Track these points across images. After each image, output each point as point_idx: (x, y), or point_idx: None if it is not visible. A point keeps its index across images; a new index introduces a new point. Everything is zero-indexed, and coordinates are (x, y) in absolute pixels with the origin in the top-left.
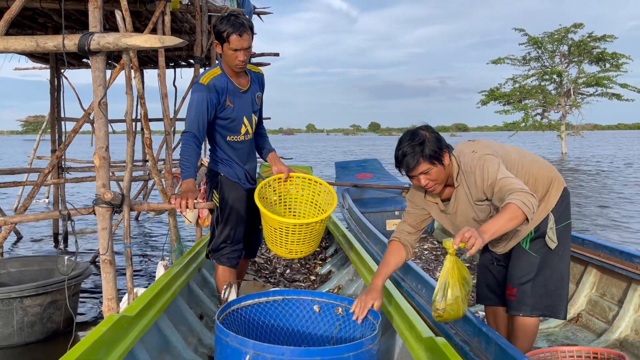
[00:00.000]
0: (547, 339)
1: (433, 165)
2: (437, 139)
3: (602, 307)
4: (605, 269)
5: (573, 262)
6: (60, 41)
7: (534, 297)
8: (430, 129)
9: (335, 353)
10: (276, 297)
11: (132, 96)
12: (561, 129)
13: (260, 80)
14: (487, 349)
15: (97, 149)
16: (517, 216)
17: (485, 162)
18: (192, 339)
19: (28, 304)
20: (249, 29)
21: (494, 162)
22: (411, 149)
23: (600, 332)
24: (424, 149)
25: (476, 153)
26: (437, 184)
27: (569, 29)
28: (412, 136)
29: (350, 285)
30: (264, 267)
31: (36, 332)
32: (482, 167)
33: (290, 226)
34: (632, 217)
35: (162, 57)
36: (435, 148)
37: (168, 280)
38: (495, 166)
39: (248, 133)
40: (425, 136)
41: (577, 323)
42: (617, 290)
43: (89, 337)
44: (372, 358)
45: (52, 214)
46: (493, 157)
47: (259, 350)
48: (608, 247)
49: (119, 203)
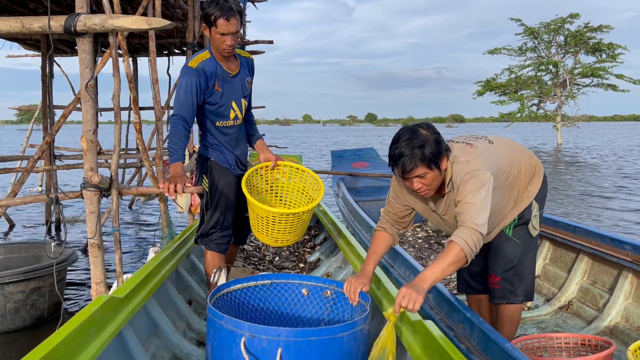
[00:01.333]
0: (537, 326)
1: (430, 170)
2: (437, 142)
3: (593, 294)
4: (596, 256)
5: (565, 250)
6: (46, 22)
7: (518, 284)
8: (432, 129)
9: (330, 333)
10: (265, 281)
11: (119, 79)
12: (557, 120)
13: (250, 65)
14: (471, 335)
15: (85, 132)
16: (458, 260)
17: (470, 179)
18: (181, 323)
19: (10, 290)
20: (237, 13)
21: (476, 182)
22: (409, 150)
23: (591, 319)
24: (424, 152)
25: (469, 165)
26: (430, 189)
27: (565, 19)
28: (412, 135)
29: (339, 272)
30: (253, 254)
31: (20, 319)
32: (465, 183)
33: (277, 215)
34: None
35: (153, 42)
36: (435, 152)
37: (157, 264)
38: (474, 187)
39: (237, 118)
40: (427, 137)
41: (568, 310)
42: (608, 278)
43: (78, 317)
44: (364, 338)
45: (40, 197)
46: (480, 176)
47: (254, 332)
48: (600, 235)
49: (107, 187)
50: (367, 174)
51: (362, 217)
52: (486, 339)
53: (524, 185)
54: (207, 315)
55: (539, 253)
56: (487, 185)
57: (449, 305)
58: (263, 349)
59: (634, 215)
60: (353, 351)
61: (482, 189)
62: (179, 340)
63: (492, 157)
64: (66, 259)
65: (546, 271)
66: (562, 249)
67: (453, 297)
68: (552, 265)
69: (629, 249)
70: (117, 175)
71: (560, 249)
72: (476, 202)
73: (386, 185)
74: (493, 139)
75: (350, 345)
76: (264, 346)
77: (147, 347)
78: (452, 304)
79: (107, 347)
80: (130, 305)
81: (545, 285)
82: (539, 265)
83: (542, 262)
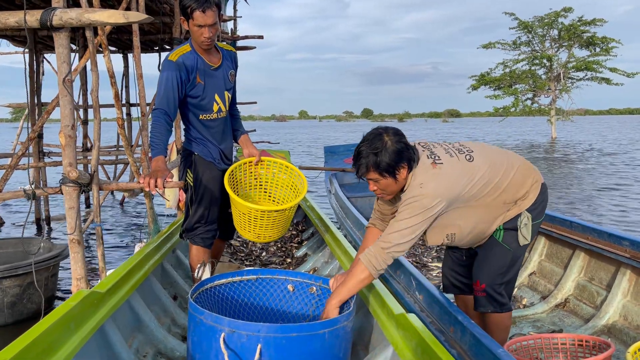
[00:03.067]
0: (533, 325)
1: (382, 177)
2: (396, 152)
3: (590, 291)
4: (593, 252)
5: (561, 246)
6: (22, 17)
7: (504, 292)
8: (397, 137)
9: (311, 329)
10: (250, 277)
11: (97, 74)
12: (551, 114)
13: (233, 58)
14: (463, 339)
15: (63, 127)
16: (365, 278)
17: (412, 203)
18: (166, 319)
19: (7, 284)
20: (214, 4)
21: (414, 209)
22: (365, 154)
23: (588, 317)
24: (377, 159)
25: (420, 188)
26: (385, 193)
27: (559, 13)
28: (373, 140)
29: (326, 267)
30: (239, 249)
31: (16, 313)
32: (406, 204)
33: (259, 212)
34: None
35: (137, 37)
36: (391, 162)
37: (141, 258)
38: (409, 213)
39: (221, 111)
40: (386, 145)
41: (565, 308)
42: (606, 275)
43: (57, 312)
44: (347, 335)
45: (16, 193)
46: (422, 203)
47: (234, 328)
48: (597, 230)
49: (87, 182)
50: None
51: (353, 214)
52: (478, 344)
53: (509, 201)
54: (188, 310)
55: (535, 249)
56: (423, 214)
57: (439, 308)
58: (243, 345)
59: (623, 212)
60: (334, 348)
61: (416, 217)
62: (163, 336)
63: (457, 180)
64: (59, 254)
65: (542, 267)
66: (558, 244)
67: (444, 298)
68: (547, 262)
69: (627, 244)
70: (97, 170)
71: (557, 245)
72: (402, 226)
73: None
74: (477, 156)
75: (331, 342)
76: (243, 342)
77: (130, 342)
78: (443, 306)
79: (87, 342)
80: (112, 300)
81: (541, 282)
82: (534, 262)
83: (538, 258)
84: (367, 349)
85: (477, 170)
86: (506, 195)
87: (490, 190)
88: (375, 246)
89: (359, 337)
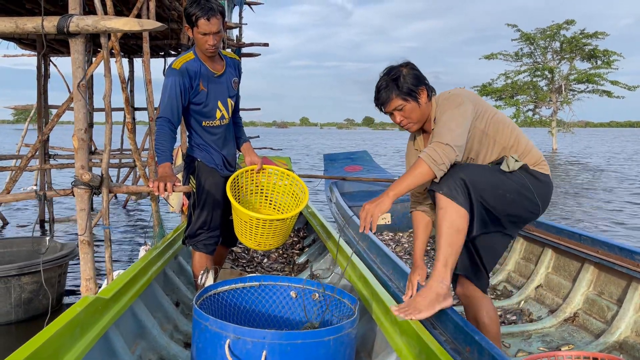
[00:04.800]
0: (542, 340)
1: (406, 102)
2: (414, 76)
3: (600, 306)
4: (603, 265)
5: (569, 259)
6: (40, 23)
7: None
8: (410, 66)
9: (316, 336)
10: (253, 283)
11: (110, 79)
12: (552, 125)
13: (237, 66)
14: None
15: (76, 131)
16: (423, 172)
17: (447, 100)
18: (168, 325)
19: (25, 281)
20: (218, 13)
21: (452, 102)
22: (385, 84)
23: (599, 332)
24: (398, 84)
25: (449, 93)
26: (411, 122)
27: (561, 25)
28: (389, 71)
29: (328, 274)
30: (241, 256)
31: (32, 309)
32: (442, 105)
33: (260, 220)
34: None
35: (147, 43)
36: (410, 85)
37: (144, 265)
38: (451, 106)
39: (224, 118)
40: (402, 72)
41: (574, 323)
42: (616, 289)
43: (63, 318)
44: (351, 341)
45: (28, 194)
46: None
47: (239, 334)
48: (607, 243)
49: (98, 185)
50: (361, 178)
51: (356, 224)
52: None
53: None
54: (192, 317)
55: (541, 261)
56: (463, 106)
57: (454, 326)
58: (248, 352)
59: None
60: (339, 355)
61: (457, 108)
62: (166, 342)
63: (475, 96)
64: (70, 252)
65: (549, 280)
66: (566, 257)
67: (459, 317)
68: (555, 274)
69: (639, 259)
70: (108, 173)
71: (564, 258)
72: (446, 122)
73: (381, 189)
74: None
75: (336, 349)
76: (248, 348)
77: (133, 349)
78: (457, 324)
79: (92, 348)
80: (116, 306)
81: (549, 296)
82: (541, 274)
83: (545, 270)
84: (370, 356)
85: (493, 109)
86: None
87: (500, 128)
88: (430, 146)
89: (362, 344)
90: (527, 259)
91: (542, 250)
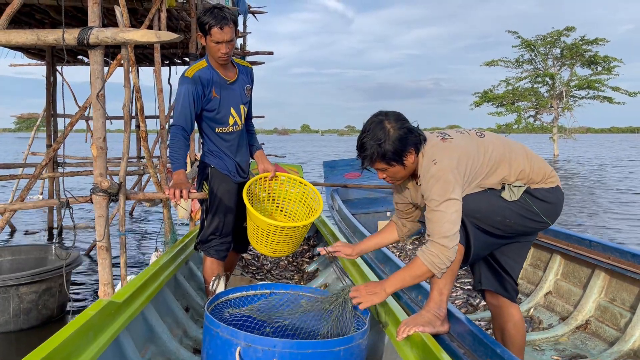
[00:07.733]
0: (554, 349)
1: (390, 166)
2: (400, 139)
3: (613, 313)
4: (614, 272)
5: (579, 265)
6: (61, 35)
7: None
8: (399, 123)
9: (326, 346)
10: (264, 291)
11: (129, 89)
12: (553, 131)
13: (250, 73)
14: None
15: (95, 140)
16: (424, 275)
17: (436, 183)
18: (178, 330)
19: (24, 291)
20: (231, 21)
21: (443, 186)
22: (369, 144)
23: (612, 340)
24: (381, 149)
25: (436, 165)
26: (394, 179)
27: (561, 32)
28: (375, 130)
29: (337, 283)
30: (251, 263)
31: (31, 319)
32: (431, 185)
33: (278, 228)
34: None
35: (158, 53)
36: (396, 150)
37: (156, 270)
38: (440, 190)
39: (237, 124)
40: (389, 133)
41: (586, 330)
42: (629, 296)
43: (77, 321)
44: (361, 352)
45: (51, 201)
46: (447, 178)
47: (250, 342)
48: (619, 250)
49: (116, 192)
50: (361, 185)
51: (361, 231)
52: None
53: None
54: (203, 323)
55: (550, 267)
56: (455, 189)
57: (473, 338)
58: (258, 359)
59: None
60: None
61: (451, 193)
62: (176, 347)
63: (468, 149)
64: (74, 261)
65: (558, 287)
66: (575, 263)
67: (477, 329)
68: (564, 281)
69: None
70: (125, 180)
71: (574, 264)
72: (447, 210)
73: (382, 196)
74: (488, 134)
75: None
76: (259, 356)
77: (143, 353)
78: (476, 336)
79: (104, 352)
80: (128, 310)
81: (559, 303)
82: (550, 281)
83: (554, 277)
84: None
85: (488, 143)
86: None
87: (499, 169)
88: (433, 245)
89: (372, 355)
90: (535, 265)
91: (551, 257)
